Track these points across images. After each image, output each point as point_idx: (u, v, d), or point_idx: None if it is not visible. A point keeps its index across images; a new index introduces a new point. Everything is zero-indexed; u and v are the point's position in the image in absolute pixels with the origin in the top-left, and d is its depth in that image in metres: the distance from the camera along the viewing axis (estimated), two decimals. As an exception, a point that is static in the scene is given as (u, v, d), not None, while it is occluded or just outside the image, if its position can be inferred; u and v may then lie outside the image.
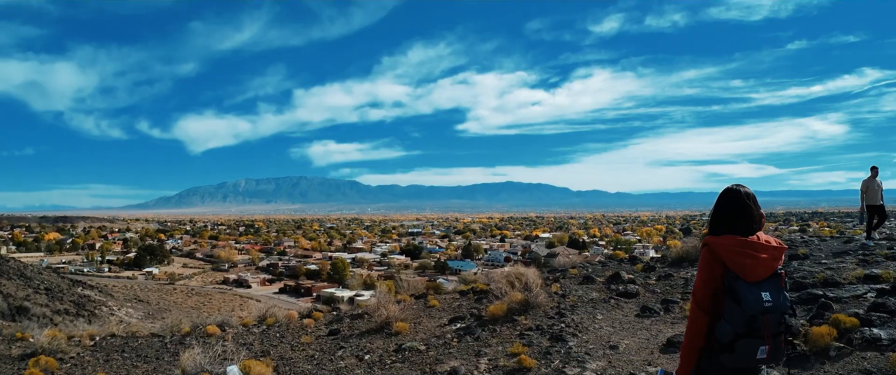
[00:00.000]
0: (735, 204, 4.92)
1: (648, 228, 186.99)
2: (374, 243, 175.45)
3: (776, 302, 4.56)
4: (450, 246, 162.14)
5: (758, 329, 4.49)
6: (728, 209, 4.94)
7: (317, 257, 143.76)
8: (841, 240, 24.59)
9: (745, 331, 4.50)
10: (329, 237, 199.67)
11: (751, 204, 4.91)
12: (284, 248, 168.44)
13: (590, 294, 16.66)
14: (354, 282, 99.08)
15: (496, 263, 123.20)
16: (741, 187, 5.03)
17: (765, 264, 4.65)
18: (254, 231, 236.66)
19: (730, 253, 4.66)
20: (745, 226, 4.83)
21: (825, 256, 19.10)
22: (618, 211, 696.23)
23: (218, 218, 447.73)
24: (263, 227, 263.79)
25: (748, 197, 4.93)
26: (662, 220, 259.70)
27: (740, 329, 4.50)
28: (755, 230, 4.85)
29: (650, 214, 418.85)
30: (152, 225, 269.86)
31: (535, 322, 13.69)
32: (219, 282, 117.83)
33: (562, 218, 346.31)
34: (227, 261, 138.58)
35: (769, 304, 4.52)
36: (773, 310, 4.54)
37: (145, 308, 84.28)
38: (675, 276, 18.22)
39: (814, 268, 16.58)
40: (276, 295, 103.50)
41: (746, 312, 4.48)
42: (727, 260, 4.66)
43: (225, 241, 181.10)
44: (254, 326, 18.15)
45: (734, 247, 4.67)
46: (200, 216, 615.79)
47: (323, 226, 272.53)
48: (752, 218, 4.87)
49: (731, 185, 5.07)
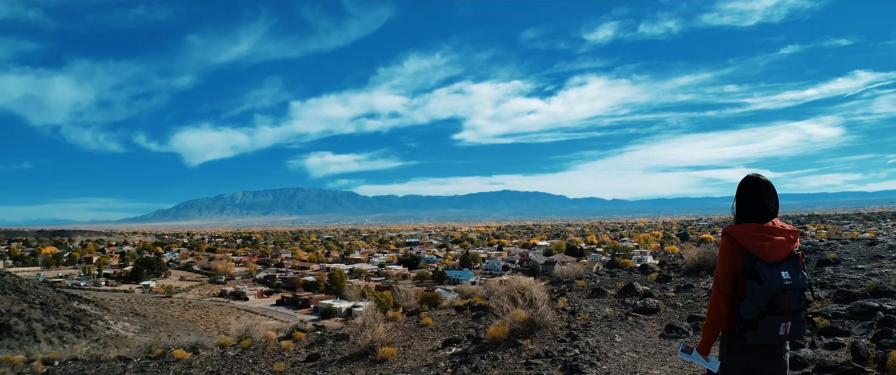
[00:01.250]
0: (752, 191, 5.33)
1: (646, 234, 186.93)
2: (372, 253, 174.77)
3: (795, 280, 4.97)
4: (447, 255, 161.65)
5: (779, 306, 4.89)
6: (746, 195, 5.35)
7: (314, 268, 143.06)
8: (864, 242, 23.37)
9: (768, 308, 4.89)
10: (326, 248, 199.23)
11: (767, 191, 5.32)
12: (282, 260, 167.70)
13: (602, 309, 14.94)
14: (352, 293, 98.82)
15: (494, 272, 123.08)
16: (759, 175, 5.45)
17: (782, 245, 5.06)
18: (251, 243, 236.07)
19: (748, 238, 5.08)
20: (762, 212, 5.24)
21: (857, 260, 18.04)
22: (614, 217, 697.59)
23: (215, 231, 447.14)
24: (261, 239, 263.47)
25: (765, 185, 5.35)
26: (659, 226, 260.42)
27: (763, 306, 4.89)
28: (771, 217, 5.26)
29: (647, 220, 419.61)
30: (150, 238, 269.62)
31: (544, 347, 11.91)
32: (216, 295, 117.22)
33: (559, 226, 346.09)
34: (224, 274, 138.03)
35: (789, 282, 4.93)
36: (792, 288, 4.93)
37: (142, 321, 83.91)
38: (696, 287, 16.61)
39: (853, 274, 15.40)
40: (274, 307, 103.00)
41: (768, 290, 4.88)
42: (747, 245, 5.07)
43: (222, 254, 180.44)
44: (231, 347, 17.20)
45: (752, 232, 5.10)
46: (198, 228, 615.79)
47: (320, 238, 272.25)
48: (768, 207, 5.27)
49: (750, 173, 5.49)
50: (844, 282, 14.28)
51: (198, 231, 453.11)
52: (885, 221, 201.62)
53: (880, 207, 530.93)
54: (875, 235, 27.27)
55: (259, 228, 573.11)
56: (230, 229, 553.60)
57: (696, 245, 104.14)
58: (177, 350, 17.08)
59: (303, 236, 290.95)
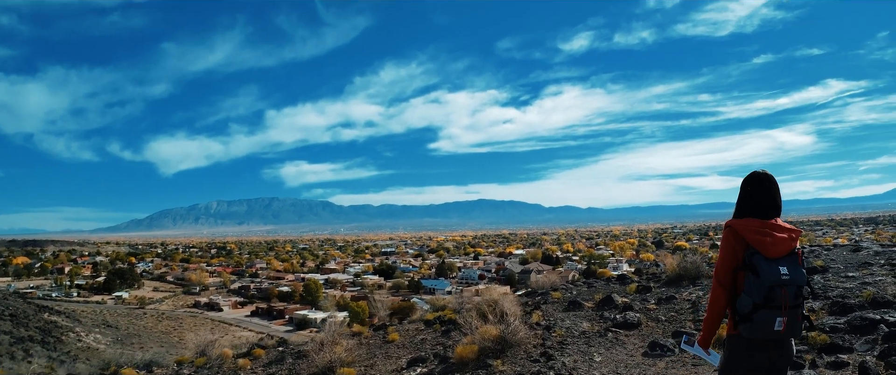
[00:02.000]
0: (761, 186, 5.35)
1: (621, 242, 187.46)
2: (347, 263, 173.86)
3: (793, 276, 4.99)
4: (423, 265, 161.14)
5: (775, 300, 4.91)
6: (754, 190, 5.36)
7: (289, 279, 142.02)
8: (848, 248, 22.81)
9: (764, 302, 4.92)
10: (302, 258, 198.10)
11: (771, 189, 5.35)
12: (257, 270, 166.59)
13: (580, 324, 13.99)
14: (328, 304, 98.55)
15: (470, 281, 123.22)
16: (764, 173, 5.47)
17: (783, 242, 5.10)
18: (226, 253, 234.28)
19: (750, 232, 5.11)
20: (768, 208, 5.29)
21: (845, 267, 17.32)
22: (590, 226, 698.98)
23: (190, 241, 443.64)
24: (235, 249, 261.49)
25: (770, 182, 5.37)
26: (634, 234, 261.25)
27: (759, 299, 4.92)
28: (774, 215, 5.29)
29: (622, 228, 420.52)
30: (123, 248, 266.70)
31: (516, 368, 11.10)
32: (190, 306, 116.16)
33: (535, 235, 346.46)
34: (198, 284, 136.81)
35: (786, 277, 4.95)
36: (789, 283, 4.96)
37: (114, 333, 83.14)
38: (678, 298, 15.54)
39: (845, 283, 14.69)
40: (248, 317, 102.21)
41: (765, 283, 4.91)
42: (748, 238, 5.10)
43: (196, 264, 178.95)
44: (187, 364, 16.51)
45: (754, 227, 5.14)
46: (172, 238, 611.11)
47: (295, 247, 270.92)
48: (772, 203, 5.32)
49: (757, 171, 5.50)
50: (838, 292, 13.78)
51: (172, 241, 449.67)
52: (857, 227, 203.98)
53: (852, 213, 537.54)
54: (859, 241, 26.84)
55: (234, 238, 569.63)
56: (205, 239, 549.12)
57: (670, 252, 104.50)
58: (125, 370, 16.52)
59: (278, 246, 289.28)
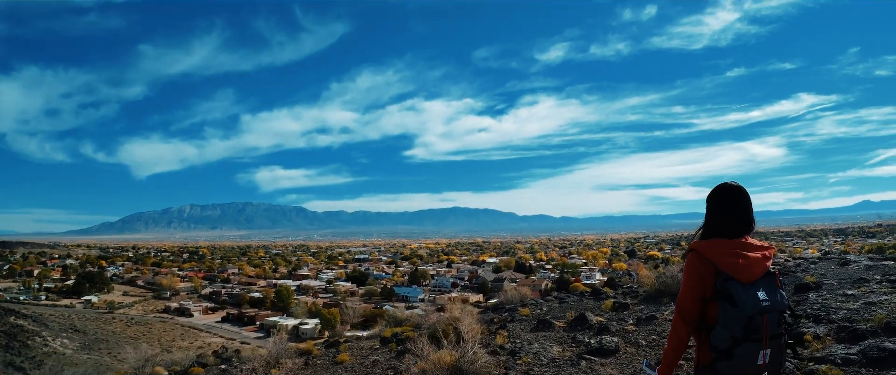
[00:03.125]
0: (732, 200, 4.72)
1: (594, 251, 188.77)
2: (320, 270, 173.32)
3: (773, 302, 4.36)
4: (396, 272, 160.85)
5: (756, 331, 4.27)
6: (725, 204, 4.73)
7: (261, 284, 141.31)
8: (834, 261, 20.95)
9: (744, 334, 4.27)
10: (274, 264, 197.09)
11: (743, 201, 4.72)
12: (228, 275, 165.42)
13: (549, 348, 12.56)
14: (299, 310, 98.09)
15: (443, 289, 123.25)
16: (735, 184, 4.81)
17: (757, 263, 4.47)
18: (198, 258, 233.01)
19: (719, 254, 4.48)
20: (740, 224, 4.65)
21: (839, 284, 15.53)
22: (563, 234, 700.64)
23: (162, 245, 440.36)
24: (208, 254, 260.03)
25: (741, 194, 4.74)
26: (607, 243, 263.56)
27: (738, 332, 4.27)
28: (746, 232, 4.68)
29: (595, 237, 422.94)
30: (94, 251, 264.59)
31: None
32: (160, 311, 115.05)
33: (508, 243, 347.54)
34: (169, 289, 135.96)
35: (767, 303, 4.32)
36: (771, 310, 4.34)
37: (82, 338, 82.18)
38: (659, 317, 14.05)
39: (847, 303, 12.82)
40: (219, 323, 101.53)
41: (744, 313, 4.27)
42: (718, 262, 4.47)
43: (168, 268, 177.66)
44: None
45: (723, 247, 4.51)
46: (144, 242, 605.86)
47: (268, 253, 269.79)
48: (744, 217, 4.68)
49: (728, 182, 4.84)
50: (843, 314, 11.88)
51: (144, 244, 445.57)
52: (827, 238, 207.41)
53: (822, 224, 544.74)
54: (845, 254, 25.91)
55: (206, 243, 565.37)
56: (177, 243, 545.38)
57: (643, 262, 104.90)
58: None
59: (251, 251, 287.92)
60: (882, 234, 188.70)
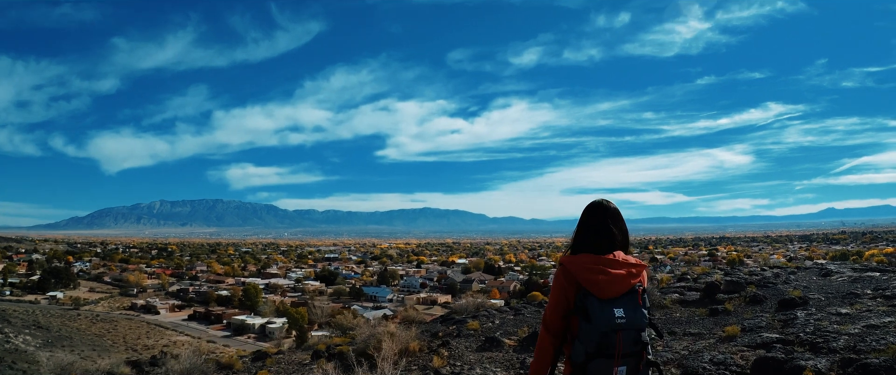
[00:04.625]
0: (596, 217, 4.86)
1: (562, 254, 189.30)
2: (289, 268, 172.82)
3: (630, 319, 4.38)
4: (365, 271, 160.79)
5: (609, 348, 4.30)
6: (589, 221, 4.88)
7: (229, 282, 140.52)
8: (814, 272, 19.95)
9: (596, 350, 4.32)
10: (243, 262, 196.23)
11: (612, 220, 4.85)
12: (197, 273, 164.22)
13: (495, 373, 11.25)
14: (267, 309, 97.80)
15: (412, 289, 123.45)
16: (605, 201, 4.97)
17: (620, 280, 4.49)
18: (166, 254, 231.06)
19: (583, 270, 4.52)
20: (604, 242, 4.75)
21: (827, 299, 14.23)
22: (533, 237, 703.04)
23: (130, 241, 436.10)
24: (177, 251, 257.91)
25: (609, 212, 4.87)
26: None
27: (592, 348, 4.32)
28: (614, 248, 4.75)
29: (564, 240, 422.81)
30: (61, 246, 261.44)
31: None
32: (126, 308, 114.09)
33: (478, 244, 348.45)
34: (136, 286, 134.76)
35: (622, 321, 4.34)
36: (626, 328, 4.35)
37: (45, 335, 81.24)
38: None
39: (846, 326, 11.03)
40: (186, 321, 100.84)
41: (598, 330, 4.32)
42: (580, 278, 4.51)
43: (136, 265, 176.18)
44: None
45: (587, 264, 4.55)
46: (113, 238, 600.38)
47: (238, 251, 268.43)
48: (612, 234, 4.79)
49: (594, 200, 5.01)
50: (844, 342, 10.08)
51: (112, 240, 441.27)
52: (792, 244, 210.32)
53: (787, 230, 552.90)
54: (826, 264, 24.42)
55: (176, 239, 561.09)
56: (146, 239, 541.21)
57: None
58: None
59: (220, 249, 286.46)
60: (846, 241, 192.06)
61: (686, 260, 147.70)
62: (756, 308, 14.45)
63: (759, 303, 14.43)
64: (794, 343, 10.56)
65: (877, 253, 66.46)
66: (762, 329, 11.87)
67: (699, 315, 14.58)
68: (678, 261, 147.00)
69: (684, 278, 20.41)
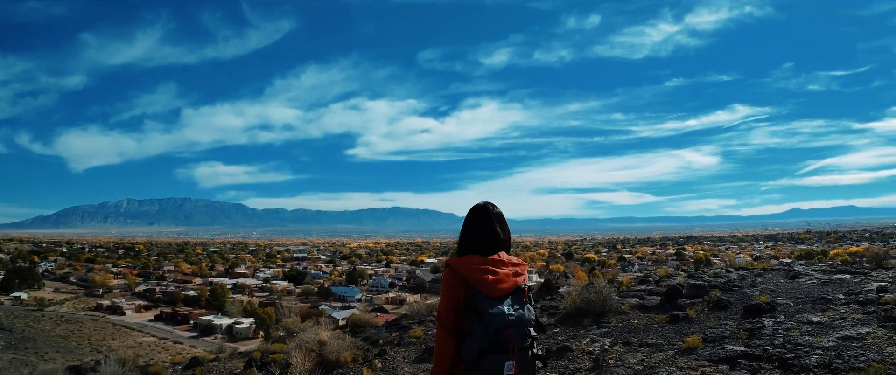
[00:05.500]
0: (481, 219, 5.05)
1: (531, 253, 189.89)
2: (258, 268, 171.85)
3: (519, 316, 4.56)
4: (334, 271, 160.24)
5: (502, 344, 4.44)
6: (475, 223, 5.05)
7: (197, 282, 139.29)
8: (781, 273, 17.93)
9: (490, 346, 4.44)
10: (211, 261, 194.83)
11: (496, 221, 5.05)
12: (164, 273, 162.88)
13: None
14: (234, 309, 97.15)
15: (381, 289, 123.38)
16: (489, 204, 5.18)
17: (507, 279, 4.68)
18: (133, 254, 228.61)
19: (470, 270, 4.67)
20: (489, 243, 4.93)
21: (797, 305, 12.71)
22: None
23: (97, 240, 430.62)
24: (144, 250, 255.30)
25: (494, 215, 5.08)
26: (545, 245, 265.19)
27: (484, 344, 4.44)
28: (499, 248, 4.94)
29: (533, 239, 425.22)
30: (27, 245, 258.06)
31: None
32: (91, 309, 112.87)
33: (448, 244, 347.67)
34: (101, 286, 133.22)
35: (512, 318, 4.51)
36: (516, 324, 4.52)
37: (7, 337, 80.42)
38: (575, 350, 11.08)
39: (819, 337, 9.70)
40: (152, 322, 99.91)
41: (489, 327, 4.44)
42: (468, 277, 4.64)
43: (102, 265, 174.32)
44: None
45: (474, 264, 4.70)
46: (79, 237, 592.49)
47: (206, 250, 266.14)
48: (496, 235, 4.99)
49: (480, 202, 5.19)
50: (818, 358, 8.76)
51: (79, 239, 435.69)
52: (758, 243, 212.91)
53: (753, 230, 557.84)
54: (791, 264, 22.48)
55: (143, 238, 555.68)
56: (113, 238, 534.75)
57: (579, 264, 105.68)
58: None
59: (188, 248, 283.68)
60: (811, 241, 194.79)
61: (654, 259, 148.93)
62: (720, 314, 12.43)
63: (723, 309, 12.84)
64: (761, 358, 9.19)
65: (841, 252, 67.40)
66: (726, 339, 10.26)
67: (658, 322, 12.66)
68: (646, 260, 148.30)
69: (646, 280, 18.54)
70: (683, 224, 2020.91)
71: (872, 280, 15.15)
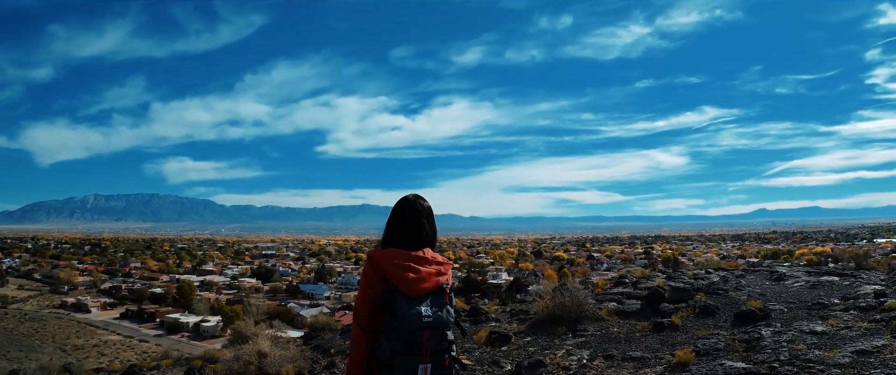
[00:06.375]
0: (408, 213, 4.87)
1: (501, 251, 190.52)
2: (226, 265, 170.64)
3: (437, 318, 4.40)
4: (303, 268, 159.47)
5: (416, 346, 4.29)
6: (400, 217, 4.88)
7: (164, 279, 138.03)
8: (763, 274, 17.23)
9: (403, 347, 4.29)
10: (179, 258, 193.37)
11: (424, 215, 4.89)
12: (130, 270, 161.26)
13: None
14: (201, 307, 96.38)
15: (350, 286, 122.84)
16: (417, 197, 4.99)
17: (429, 278, 4.51)
18: (100, 250, 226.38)
19: (392, 266, 4.50)
20: (415, 237, 4.78)
21: (792, 311, 11.80)
22: (472, 234, 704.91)
23: (63, 236, 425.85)
24: (111, 247, 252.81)
25: (421, 209, 4.90)
26: (515, 244, 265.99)
27: (398, 345, 4.29)
28: (425, 244, 4.80)
29: (503, 238, 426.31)
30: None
31: None
32: (56, 306, 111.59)
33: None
34: (66, 283, 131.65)
35: (429, 319, 4.35)
36: (433, 326, 4.36)
37: (-32, 335, 79.38)
38: (550, 364, 9.88)
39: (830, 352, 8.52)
40: (117, 320, 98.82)
41: (404, 327, 4.29)
42: (389, 274, 4.48)
43: (67, 261, 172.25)
44: None
45: (396, 259, 4.53)
46: (44, 233, 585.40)
47: (174, 247, 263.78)
48: (422, 230, 4.83)
49: (407, 195, 5.00)
50: None
51: (44, 235, 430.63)
52: (725, 243, 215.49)
53: (720, 230, 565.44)
54: (772, 265, 20.98)
55: (110, 235, 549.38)
56: (79, 235, 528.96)
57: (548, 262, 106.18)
58: None
59: (155, 245, 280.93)
60: (777, 241, 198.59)
61: (622, 258, 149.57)
62: (708, 321, 11.74)
63: (711, 315, 12.06)
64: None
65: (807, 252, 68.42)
66: (721, 353, 9.34)
67: (641, 330, 11.69)
68: (614, 259, 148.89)
69: (622, 282, 17.37)
70: (652, 223, 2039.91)
71: (864, 282, 14.57)
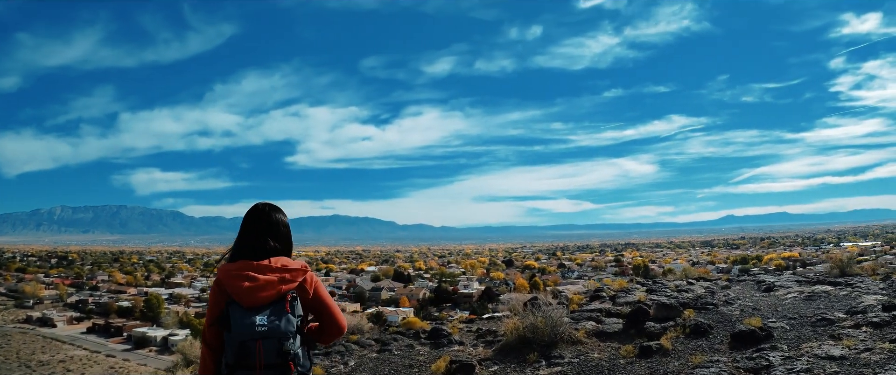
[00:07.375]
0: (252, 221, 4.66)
1: (472, 261, 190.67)
2: (195, 277, 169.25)
3: (273, 328, 4.12)
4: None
5: (247, 358, 4.06)
6: (245, 227, 4.68)
7: (132, 292, 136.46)
8: (750, 284, 16.21)
9: (235, 360, 4.08)
10: (147, 270, 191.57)
11: (270, 223, 4.68)
12: (97, 283, 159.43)
13: None
14: (170, 320, 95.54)
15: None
16: (267, 205, 4.79)
17: (268, 287, 4.26)
18: (67, 263, 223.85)
19: (229, 277, 4.31)
20: (258, 247, 4.53)
21: (794, 329, 10.56)
22: (443, 244, 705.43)
23: (29, 249, 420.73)
24: (78, 259, 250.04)
25: (267, 216, 4.70)
26: (486, 253, 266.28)
27: (231, 359, 4.09)
28: (271, 253, 4.53)
29: (474, 247, 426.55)
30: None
31: None
32: (21, 321, 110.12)
33: (388, 252, 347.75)
34: (32, 297, 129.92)
35: (262, 329, 4.09)
36: (267, 336, 4.09)
37: (-69, 351, 78.16)
38: None
39: None
40: (84, 335, 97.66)
41: (236, 339, 4.08)
42: (226, 286, 4.30)
43: (33, 274, 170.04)
44: None
45: (234, 270, 4.34)
46: (10, 245, 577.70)
47: (142, 259, 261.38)
48: (267, 239, 4.59)
49: (258, 203, 4.79)
50: None
51: (9, 248, 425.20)
52: (694, 249, 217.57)
53: (689, 236, 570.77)
54: (759, 274, 19.77)
55: (77, 247, 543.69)
56: (46, 247, 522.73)
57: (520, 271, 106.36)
58: None
59: (123, 257, 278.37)
60: (745, 246, 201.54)
61: (593, 265, 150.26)
62: (702, 343, 10.38)
63: (704, 336, 10.66)
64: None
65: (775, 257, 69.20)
66: None
67: (625, 356, 10.21)
68: (585, 267, 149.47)
69: (599, 296, 15.84)
70: (622, 230, 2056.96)
71: (862, 292, 13.29)
